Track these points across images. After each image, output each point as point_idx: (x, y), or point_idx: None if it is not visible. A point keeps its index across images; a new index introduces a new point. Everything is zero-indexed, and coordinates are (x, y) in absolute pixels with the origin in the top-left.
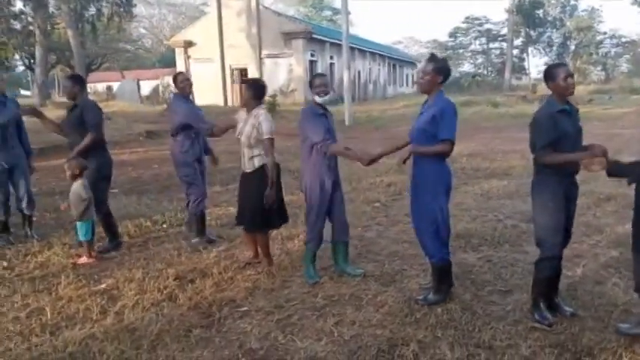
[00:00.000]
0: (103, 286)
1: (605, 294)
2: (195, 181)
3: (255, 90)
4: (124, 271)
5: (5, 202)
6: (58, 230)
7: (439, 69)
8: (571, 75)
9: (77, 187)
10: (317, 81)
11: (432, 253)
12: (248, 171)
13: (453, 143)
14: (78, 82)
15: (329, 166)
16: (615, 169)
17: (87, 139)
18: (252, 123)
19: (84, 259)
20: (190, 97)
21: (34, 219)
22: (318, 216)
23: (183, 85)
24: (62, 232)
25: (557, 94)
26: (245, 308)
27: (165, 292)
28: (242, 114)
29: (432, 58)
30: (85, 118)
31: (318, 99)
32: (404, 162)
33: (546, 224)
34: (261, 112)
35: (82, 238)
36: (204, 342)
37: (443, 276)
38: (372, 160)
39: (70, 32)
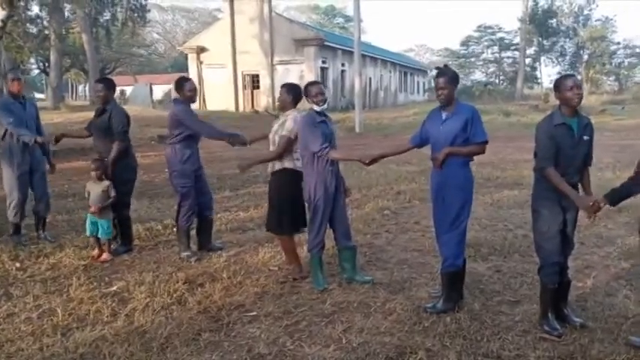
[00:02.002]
0: (114, 288)
1: (615, 306)
2: (191, 193)
3: (294, 94)
4: (135, 274)
5: (23, 204)
6: (70, 232)
7: (452, 79)
8: (577, 86)
9: (104, 186)
10: (314, 89)
11: (447, 256)
12: (271, 171)
13: (487, 143)
14: (108, 86)
15: (332, 172)
16: (615, 198)
17: (115, 149)
18: (281, 122)
19: (106, 256)
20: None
21: (47, 221)
22: (322, 221)
23: (192, 93)
24: (74, 234)
25: (564, 105)
26: (254, 313)
27: (175, 295)
28: (280, 120)
29: (441, 72)
30: (111, 123)
31: (317, 108)
32: (440, 166)
33: (540, 231)
34: (292, 113)
35: (103, 235)
36: (213, 346)
37: (453, 283)
38: (373, 160)
39: (84, 37)
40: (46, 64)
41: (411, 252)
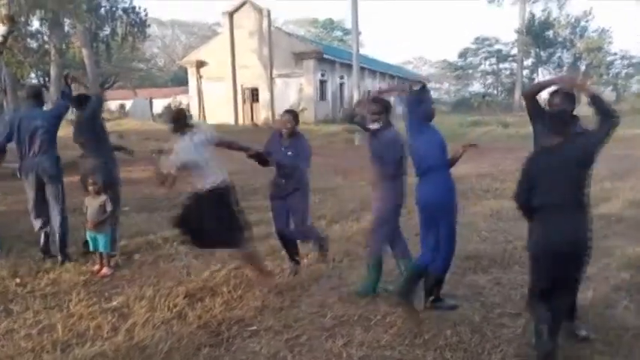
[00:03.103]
0: (114, 303)
1: (615, 317)
2: None
3: (171, 120)
4: (135, 288)
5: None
6: (70, 247)
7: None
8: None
9: (101, 201)
10: (369, 109)
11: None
12: (204, 188)
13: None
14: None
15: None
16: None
17: None
18: (187, 146)
19: (105, 270)
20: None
21: None
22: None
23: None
24: (73, 249)
25: None
26: (254, 327)
27: (175, 310)
28: (173, 143)
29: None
30: None
31: (369, 126)
32: None
33: None
34: (193, 133)
35: (103, 249)
36: None
37: None
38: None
39: (84, 51)
40: (47, 79)
41: None
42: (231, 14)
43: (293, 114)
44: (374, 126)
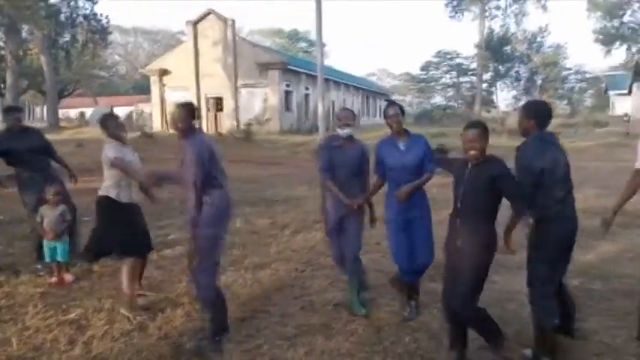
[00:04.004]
0: (72, 315)
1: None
2: None
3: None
4: (94, 300)
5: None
6: (25, 258)
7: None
8: None
9: (60, 210)
10: (341, 114)
11: None
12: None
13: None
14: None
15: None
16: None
17: None
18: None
19: (69, 277)
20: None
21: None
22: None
23: None
24: (29, 261)
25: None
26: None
27: (135, 321)
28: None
29: (394, 102)
30: None
31: (339, 131)
32: None
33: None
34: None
35: (61, 258)
36: None
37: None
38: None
39: (43, 58)
40: (2, 86)
41: (373, 273)
42: (195, 23)
43: (183, 108)
44: (345, 132)
